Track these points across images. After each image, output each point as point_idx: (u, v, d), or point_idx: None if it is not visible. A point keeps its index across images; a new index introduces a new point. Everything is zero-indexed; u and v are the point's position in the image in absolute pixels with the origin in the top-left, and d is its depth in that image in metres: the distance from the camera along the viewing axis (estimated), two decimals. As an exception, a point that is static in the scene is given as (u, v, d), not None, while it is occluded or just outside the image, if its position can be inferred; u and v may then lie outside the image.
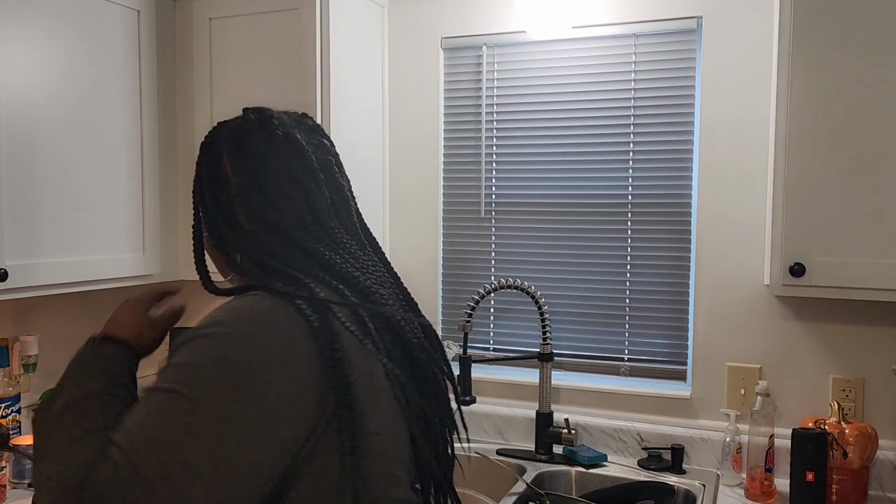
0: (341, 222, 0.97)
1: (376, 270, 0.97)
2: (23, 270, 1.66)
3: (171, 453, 0.74)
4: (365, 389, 0.85)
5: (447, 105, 2.25)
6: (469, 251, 2.25)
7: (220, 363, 0.78)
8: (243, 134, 0.98)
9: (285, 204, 0.94)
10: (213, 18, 2.08)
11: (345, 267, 0.92)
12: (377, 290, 0.94)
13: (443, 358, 1.03)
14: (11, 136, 1.64)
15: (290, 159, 0.96)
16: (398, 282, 1.04)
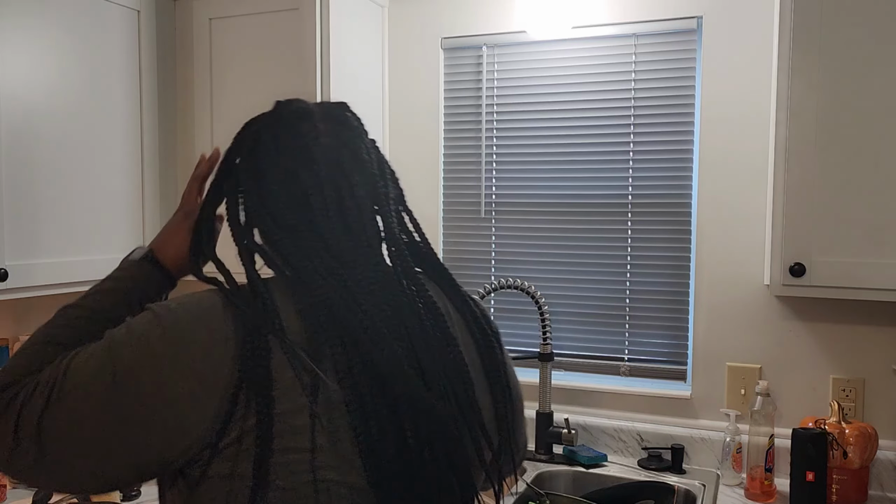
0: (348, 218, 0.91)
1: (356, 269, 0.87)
2: (23, 270, 1.66)
3: (80, 403, 0.76)
4: (288, 411, 0.77)
5: (447, 105, 2.25)
6: (469, 251, 2.25)
7: (142, 344, 0.78)
8: (279, 122, 0.94)
9: (278, 197, 0.90)
10: (213, 18, 2.08)
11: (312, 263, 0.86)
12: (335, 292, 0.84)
13: None
14: (11, 136, 1.64)
15: (303, 155, 0.91)
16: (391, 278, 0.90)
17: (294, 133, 0.91)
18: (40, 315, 2.07)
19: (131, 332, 0.79)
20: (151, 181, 2.04)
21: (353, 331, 0.81)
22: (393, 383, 0.80)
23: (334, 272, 0.84)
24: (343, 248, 0.87)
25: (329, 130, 0.91)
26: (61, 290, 1.78)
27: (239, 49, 2.05)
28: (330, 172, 0.90)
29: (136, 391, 0.76)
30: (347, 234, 0.89)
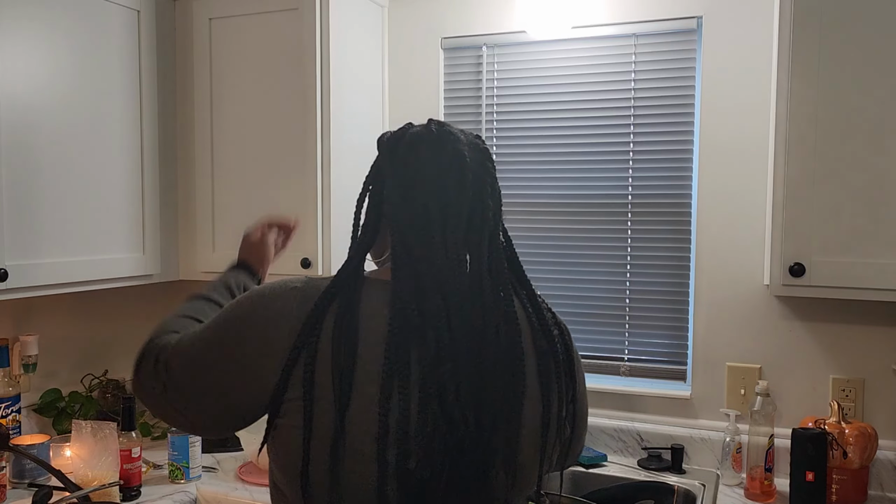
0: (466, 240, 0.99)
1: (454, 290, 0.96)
2: (23, 270, 1.66)
3: (192, 363, 1.00)
4: (333, 373, 0.91)
5: (447, 105, 2.25)
6: (469, 251, 2.25)
7: (236, 307, 0.99)
8: (418, 139, 1.02)
9: (418, 210, 0.99)
10: (213, 18, 2.08)
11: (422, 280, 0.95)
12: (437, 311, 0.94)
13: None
14: (11, 136, 1.64)
15: (447, 171, 0.99)
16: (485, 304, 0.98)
17: (441, 150, 1.00)
18: (40, 315, 2.07)
19: (233, 302, 1.02)
20: (151, 181, 2.04)
21: (426, 343, 0.92)
22: (435, 403, 0.90)
23: (432, 286, 0.95)
24: (441, 263, 0.96)
25: (472, 157, 1.01)
26: (61, 290, 1.78)
27: (239, 49, 2.05)
28: (461, 192, 0.99)
29: (228, 341, 0.97)
30: (455, 253, 0.97)
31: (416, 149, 1.00)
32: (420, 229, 0.97)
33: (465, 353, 0.93)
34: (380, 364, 0.90)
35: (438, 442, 0.89)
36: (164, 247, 2.11)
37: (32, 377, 2.02)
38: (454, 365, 0.91)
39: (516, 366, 0.96)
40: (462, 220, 0.98)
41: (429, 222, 0.97)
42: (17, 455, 1.78)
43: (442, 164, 0.99)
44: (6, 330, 1.98)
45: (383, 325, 0.93)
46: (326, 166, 1.98)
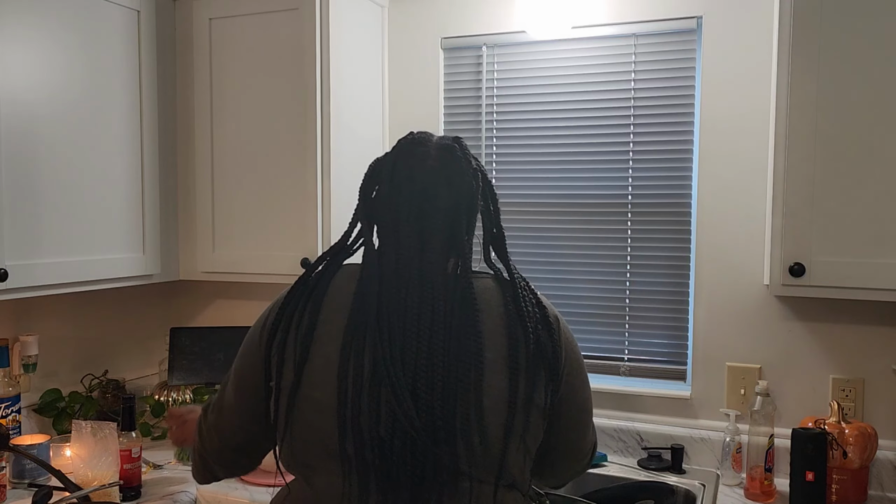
0: (449, 230, 1.11)
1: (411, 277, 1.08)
2: (23, 270, 1.66)
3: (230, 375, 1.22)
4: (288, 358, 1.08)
5: (447, 105, 2.25)
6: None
7: None
8: (413, 144, 1.14)
9: (405, 205, 1.10)
10: (213, 18, 2.08)
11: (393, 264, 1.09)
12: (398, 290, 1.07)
13: None
14: (12, 137, 1.64)
15: (436, 174, 1.11)
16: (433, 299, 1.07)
17: (410, 154, 1.12)
18: (40, 315, 2.07)
19: None
20: (151, 181, 2.04)
21: (377, 320, 1.04)
22: (382, 373, 1.01)
23: (392, 267, 1.07)
24: (406, 249, 1.08)
25: (438, 157, 1.11)
26: (61, 290, 1.78)
27: (239, 49, 2.05)
28: (422, 188, 1.09)
29: (238, 363, 1.20)
30: (416, 239, 1.08)
31: (399, 165, 1.12)
32: (395, 218, 1.09)
33: (419, 328, 1.03)
34: (340, 328, 1.05)
35: (385, 404, 1.00)
36: (164, 247, 2.11)
37: (32, 377, 2.02)
38: (406, 339, 1.02)
39: (471, 343, 1.03)
40: (440, 211, 1.09)
41: (402, 212, 1.09)
42: (17, 455, 1.78)
43: (426, 168, 1.10)
44: (6, 330, 1.98)
45: (347, 299, 1.07)
46: (326, 166, 1.98)
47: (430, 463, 0.99)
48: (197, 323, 2.52)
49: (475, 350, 1.03)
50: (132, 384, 2.33)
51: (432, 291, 1.05)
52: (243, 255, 2.09)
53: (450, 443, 0.99)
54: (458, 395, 1.00)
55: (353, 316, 1.05)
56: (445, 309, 1.04)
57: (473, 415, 1.00)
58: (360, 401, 1.00)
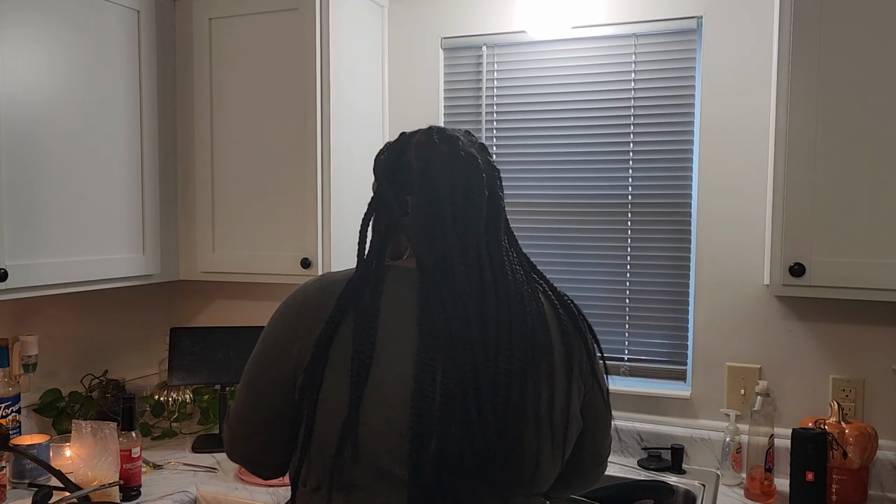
0: (487, 231, 1.09)
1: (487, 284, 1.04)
2: (23, 270, 1.66)
3: (239, 386, 1.13)
4: (336, 364, 0.99)
5: (447, 105, 2.25)
6: (469, 251, 2.25)
7: (269, 322, 1.10)
8: (432, 150, 1.10)
9: (449, 215, 1.07)
10: (213, 18, 2.08)
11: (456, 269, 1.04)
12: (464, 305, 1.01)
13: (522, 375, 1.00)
14: (12, 137, 1.64)
15: (468, 173, 1.09)
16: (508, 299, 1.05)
17: (440, 153, 1.09)
18: (40, 315, 2.07)
19: None
20: (151, 181, 2.04)
21: (448, 330, 0.99)
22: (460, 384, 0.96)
23: (456, 277, 1.02)
24: (462, 255, 1.05)
25: (468, 157, 1.10)
26: (61, 290, 1.78)
27: (239, 49, 2.05)
28: (465, 189, 1.08)
29: (265, 346, 1.09)
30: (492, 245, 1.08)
31: (433, 161, 1.08)
32: (448, 236, 1.05)
33: (488, 344, 0.99)
34: (403, 346, 0.98)
35: (456, 427, 0.95)
36: (164, 247, 2.11)
37: (32, 377, 2.02)
38: (475, 358, 0.97)
39: (543, 358, 1.02)
40: (482, 220, 1.08)
41: (458, 229, 1.05)
42: (17, 455, 1.78)
43: (458, 170, 1.08)
44: (6, 330, 1.98)
45: (409, 311, 1.01)
46: (326, 166, 1.98)
47: (489, 485, 0.98)
48: (197, 323, 2.52)
49: (548, 371, 1.03)
50: (132, 384, 2.33)
51: (508, 306, 1.02)
52: (243, 255, 2.09)
53: (515, 467, 0.99)
54: (529, 419, 1.00)
55: (424, 333, 0.98)
56: (523, 327, 1.02)
57: (537, 439, 1.01)
58: (431, 423, 0.95)
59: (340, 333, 1.00)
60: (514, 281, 1.06)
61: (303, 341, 1.02)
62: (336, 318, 1.00)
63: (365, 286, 1.03)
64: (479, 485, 0.97)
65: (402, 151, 1.12)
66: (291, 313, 1.06)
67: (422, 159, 1.09)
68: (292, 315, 1.06)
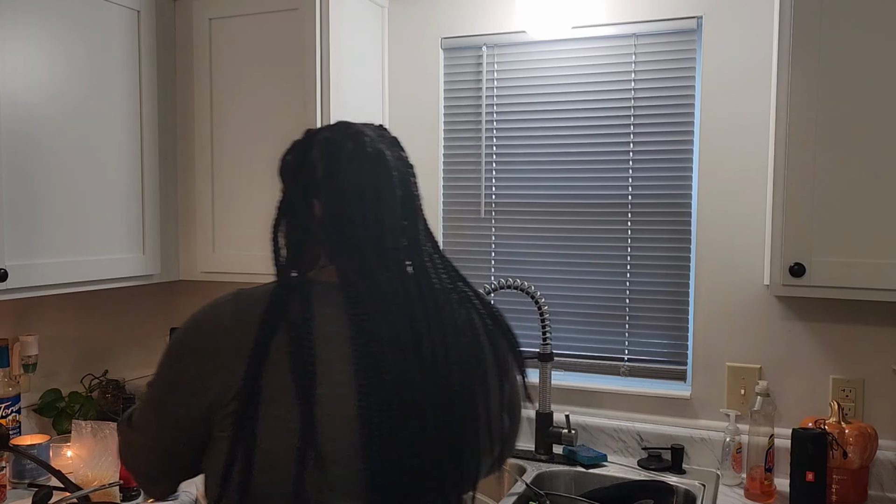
0: (405, 235, 1.04)
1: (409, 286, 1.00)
2: (23, 270, 1.66)
3: (143, 402, 1.03)
4: (272, 394, 0.91)
5: (447, 105, 2.25)
6: (469, 251, 2.25)
7: (174, 342, 1.00)
8: (336, 147, 1.04)
9: (360, 216, 1.01)
10: (213, 19, 2.08)
11: (376, 273, 0.98)
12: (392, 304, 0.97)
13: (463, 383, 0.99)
14: (12, 136, 1.64)
15: (375, 171, 1.02)
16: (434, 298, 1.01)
17: (372, 153, 1.03)
18: (40, 315, 2.07)
19: (174, 336, 1.02)
20: (151, 181, 2.04)
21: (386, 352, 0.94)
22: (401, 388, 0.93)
23: (380, 285, 0.97)
24: (396, 264, 1.01)
25: (376, 154, 1.04)
26: (61, 290, 1.78)
27: (239, 49, 2.05)
28: (402, 188, 1.05)
29: (174, 370, 0.99)
30: (410, 245, 1.04)
31: (337, 161, 1.02)
32: (360, 240, 0.99)
33: (424, 360, 0.95)
34: (340, 372, 0.92)
35: (408, 444, 0.93)
36: (164, 247, 2.11)
37: (32, 377, 2.01)
38: (413, 376, 0.94)
39: (478, 365, 1.01)
40: (398, 222, 1.02)
41: (369, 232, 0.99)
42: (17, 455, 1.78)
43: (365, 170, 1.01)
44: (6, 330, 1.98)
45: (343, 330, 0.94)
46: (326, 166, 1.98)
47: (442, 494, 0.99)
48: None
49: (482, 377, 1.02)
50: (132, 384, 2.33)
51: (439, 317, 0.98)
52: (243, 255, 2.09)
53: (465, 473, 1.01)
54: (471, 426, 1.00)
55: (359, 355, 0.92)
56: (456, 338, 0.99)
57: (480, 442, 1.02)
58: (382, 447, 0.91)
59: (271, 361, 0.91)
60: (441, 290, 1.01)
61: (220, 377, 0.93)
62: (262, 344, 0.92)
63: (287, 304, 0.94)
64: (433, 495, 0.97)
65: (307, 150, 1.06)
66: (200, 345, 0.96)
67: (326, 158, 1.02)
68: (202, 347, 0.95)
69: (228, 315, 0.96)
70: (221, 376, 0.93)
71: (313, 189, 1.02)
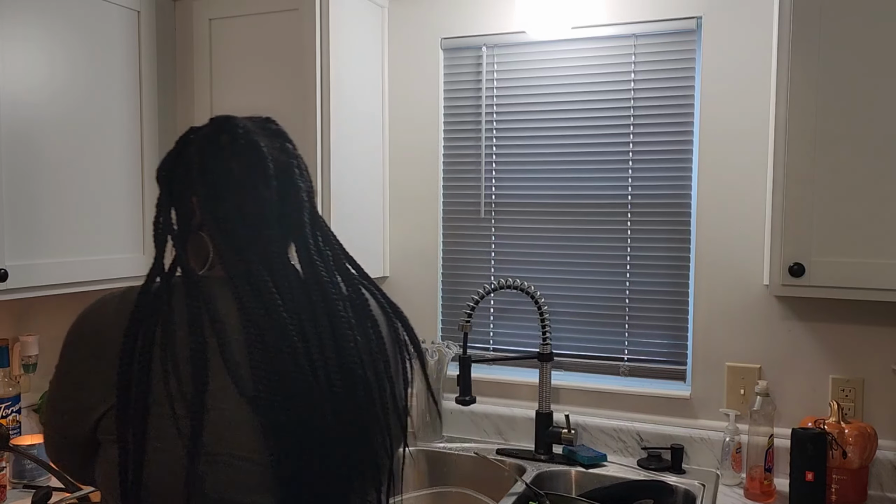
0: (282, 226, 1.02)
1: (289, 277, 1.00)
2: (23, 270, 1.66)
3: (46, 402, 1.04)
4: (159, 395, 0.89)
5: (447, 105, 2.25)
6: (469, 251, 2.25)
7: (65, 339, 1.01)
8: (209, 141, 1.03)
9: (235, 208, 1.00)
10: (213, 19, 2.08)
11: (255, 266, 0.98)
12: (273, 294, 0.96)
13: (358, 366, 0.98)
14: (12, 137, 1.64)
15: (249, 164, 1.01)
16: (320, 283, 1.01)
17: (245, 144, 1.02)
18: (40, 315, 2.07)
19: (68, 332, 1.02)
20: (151, 181, 2.04)
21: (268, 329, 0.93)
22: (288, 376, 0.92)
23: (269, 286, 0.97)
24: (276, 255, 1.00)
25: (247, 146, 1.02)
26: (61, 290, 1.78)
27: (239, 49, 2.05)
28: (280, 177, 1.03)
29: (66, 368, 0.99)
30: (287, 237, 1.03)
31: (210, 156, 1.01)
32: (240, 236, 0.99)
33: (327, 359, 0.95)
34: (237, 359, 0.92)
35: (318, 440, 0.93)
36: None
37: (32, 377, 2.02)
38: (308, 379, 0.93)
39: (380, 359, 1.01)
40: (274, 213, 1.00)
41: (248, 226, 0.99)
42: (18, 455, 1.78)
43: (242, 164, 1.00)
44: (6, 330, 1.98)
45: (234, 323, 0.94)
46: (326, 167, 1.98)
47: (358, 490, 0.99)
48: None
49: (385, 369, 1.02)
50: (132, 384, 2.33)
51: (330, 314, 0.97)
52: (243, 255, 2.09)
53: (383, 458, 1.01)
54: (382, 421, 1.00)
55: (254, 360, 0.91)
56: (352, 335, 0.98)
57: (391, 437, 1.02)
58: (286, 447, 0.91)
59: (156, 358, 0.90)
60: (331, 283, 1.00)
61: (106, 375, 0.92)
62: (147, 342, 0.91)
63: (172, 300, 0.94)
64: (348, 486, 0.96)
65: (184, 146, 1.03)
66: (84, 354, 0.95)
67: (200, 153, 1.01)
68: (86, 356, 0.95)
69: (111, 318, 0.95)
70: (108, 375, 0.92)
71: (191, 185, 1.01)
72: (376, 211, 2.25)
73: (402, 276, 2.31)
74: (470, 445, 2.14)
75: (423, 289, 2.29)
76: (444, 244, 2.28)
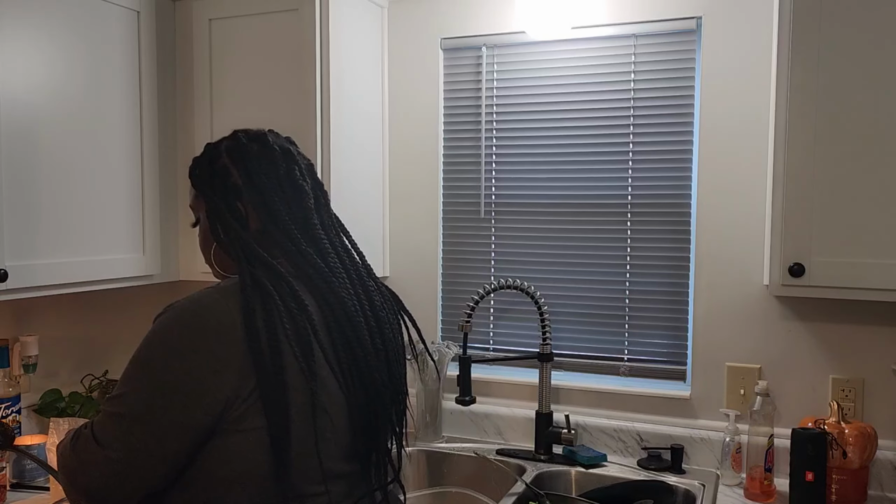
0: (320, 221, 1.17)
1: (339, 266, 1.15)
2: (23, 270, 1.66)
3: (126, 404, 0.99)
4: (292, 374, 1.01)
5: (447, 105, 2.25)
6: (469, 251, 2.25)
7: (164, 336, 1.00)
8: (245, 150, 1.14)
9: (285, 207, 1.13)
10: (213, 19, 2.08)
11: (314, 258, 1.11)
12: (333, 281, 1.11)
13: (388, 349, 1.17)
14: (12, 137, 1.64)
15: (288, 167, 1.15)
16: (360, 275, 1.18)
17: (280, 151, 1.17)
18: (40, 315, 2.08)
19: (153, 336, 1.03)
20: (151, 181, 2.04)
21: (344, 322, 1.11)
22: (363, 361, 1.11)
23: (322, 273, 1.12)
24: (326, 246, 1.15)
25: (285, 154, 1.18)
26: (61, 290, 1.78)
27: (239, 49, 2.05)
28: (311, 177, 1.20)
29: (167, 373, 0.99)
30: (326, 231, 1.18)
31: (249, 163, 1.12)
32: (293, 231, 1.11)
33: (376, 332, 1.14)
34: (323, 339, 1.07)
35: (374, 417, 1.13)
36: (164, 247, 2.11)
37: (32, 377, 2.02)
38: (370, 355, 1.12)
39: (400, 342, 1.22)
40: (313, 216, 1.14)
41: (296, 221, 1.12)
42: (19, 455, 1.78)
43: (278, 166, 1.13)
44: (6, 330, 1.98)
45: (314, 310, 1.08)
46: (326, 167, 1.98)
47: None
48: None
49: (401, 353, 1.23)
50: (132, 384, 2.33)
51: (371, 302, 1.16)
52: (243, 256, 2.09)
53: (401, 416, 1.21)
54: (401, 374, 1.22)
55: (335, 340, 1.08)
56: (388, 321, 1.19)
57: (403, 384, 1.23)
58: (366, 418, 1.12)
59: (282, 349, 1.01)
60: (367, 273, 1.19)
61: (233, 370, 0.97)
62: (272, 332, 1.00)
63: (280, 295, 1.05)
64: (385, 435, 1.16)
65: (214, 159, 1.14)
66: (203, 344, 0.98)
67: (237, 162, 1.12)
68: (207, 345, 0.98)
69: (224, 309, 1.01)
70: (235, 369, 0.97)
71: (236, 192, 1.11)
72: (376, 211, 2.25)
73: (402, 276, 2.31)
74: (470, 445, 2.14)
75: (423, 289, 2.29)
76: (444, 244, 2.28)
